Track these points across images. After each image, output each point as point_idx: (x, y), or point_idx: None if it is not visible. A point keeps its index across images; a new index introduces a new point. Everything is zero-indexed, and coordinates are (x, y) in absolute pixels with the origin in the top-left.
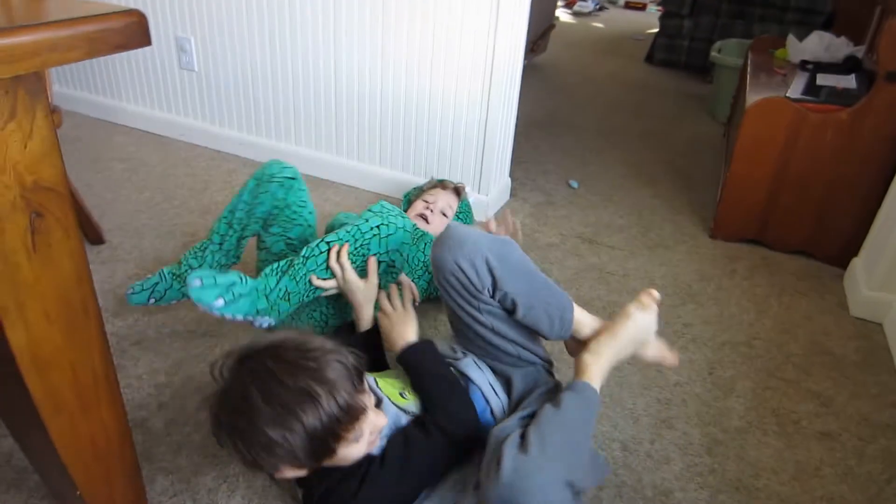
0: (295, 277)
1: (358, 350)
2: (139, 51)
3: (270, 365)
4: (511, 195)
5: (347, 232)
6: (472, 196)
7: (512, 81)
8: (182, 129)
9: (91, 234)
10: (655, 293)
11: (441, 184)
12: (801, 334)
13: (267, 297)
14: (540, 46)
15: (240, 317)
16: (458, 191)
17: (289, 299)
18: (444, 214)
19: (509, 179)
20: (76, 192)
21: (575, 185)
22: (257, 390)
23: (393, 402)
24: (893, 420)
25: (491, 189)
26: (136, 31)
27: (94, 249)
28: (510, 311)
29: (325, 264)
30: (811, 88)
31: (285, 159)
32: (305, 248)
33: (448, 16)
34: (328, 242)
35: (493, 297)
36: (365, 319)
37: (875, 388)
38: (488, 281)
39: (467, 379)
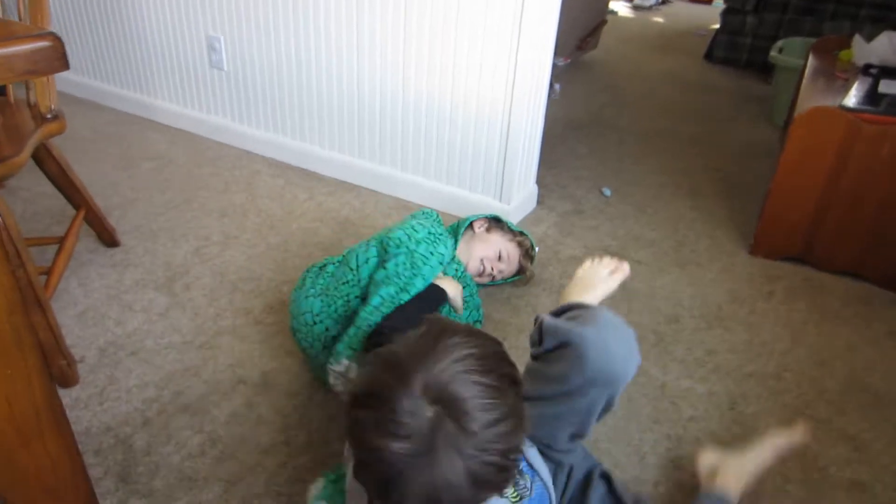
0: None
1: None
2: (171, 48)
3: (475, 378)
4: (538, 202)
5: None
6: (496, 207)
7: (538, 84)
8: (211, 128)
9: (105, 237)
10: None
11: (527, 253)
12: (840, 367)
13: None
14: (589, 43)
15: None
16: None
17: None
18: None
19: (536, 187)
20: (90, 197)
21: (608, 192)
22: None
23: None
24: None
25: (514, 197)
26: (47, 56)
27: (108, 252)
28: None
29: None
30: (871, 97)
31: (307, 161)
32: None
33: (470, 18)
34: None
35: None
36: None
37: None
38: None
39: (534, 472)
